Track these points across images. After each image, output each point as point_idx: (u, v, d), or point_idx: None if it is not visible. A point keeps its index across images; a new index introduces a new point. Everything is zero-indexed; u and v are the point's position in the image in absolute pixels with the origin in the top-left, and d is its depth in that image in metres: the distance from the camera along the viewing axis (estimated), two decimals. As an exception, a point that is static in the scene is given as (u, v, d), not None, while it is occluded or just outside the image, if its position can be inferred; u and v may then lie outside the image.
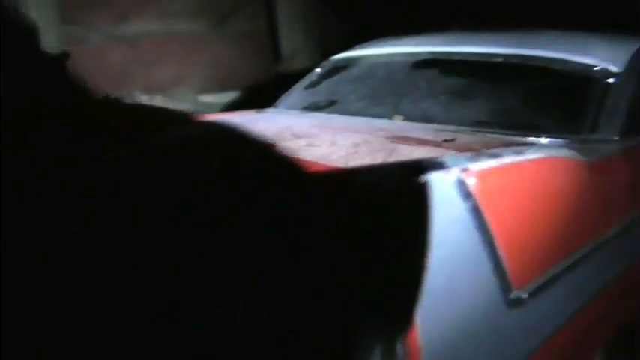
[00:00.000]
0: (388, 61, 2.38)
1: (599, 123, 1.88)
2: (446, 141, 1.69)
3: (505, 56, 2.15)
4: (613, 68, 2.04)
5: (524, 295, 1.20)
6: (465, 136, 1.78)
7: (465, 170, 1.08)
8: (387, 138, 1.68)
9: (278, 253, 1.08)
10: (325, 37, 5.36)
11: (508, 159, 1.20)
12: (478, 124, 1.92)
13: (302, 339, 0.99)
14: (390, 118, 2.08)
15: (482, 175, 1.11)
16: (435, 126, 1.93)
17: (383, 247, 1.01)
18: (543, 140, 1.78)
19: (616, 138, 1.87)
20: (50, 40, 4.35)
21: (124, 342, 0.82)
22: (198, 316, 0.89)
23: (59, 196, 0.88)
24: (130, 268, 0.87)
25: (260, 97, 2.81)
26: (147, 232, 0.97)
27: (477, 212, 1.07)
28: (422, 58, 2.30)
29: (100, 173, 1.07)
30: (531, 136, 1.81)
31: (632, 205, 1.75)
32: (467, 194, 1.06)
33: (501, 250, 1.12)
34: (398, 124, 1.98)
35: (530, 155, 1.27)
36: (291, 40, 5.63)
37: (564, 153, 1.44)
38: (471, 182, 1.08)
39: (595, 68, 2.04)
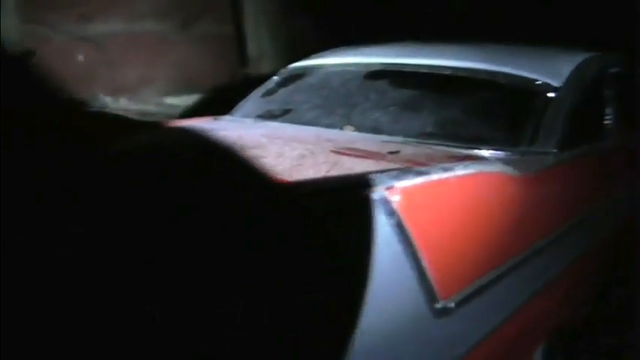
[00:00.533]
0: (342, 71, 2.43)
1: (538, 136, 1.96)
2: (391, 153, 1.74)
3: (453, 69, 2.22)
4: (554, 83, 2.13)
5: (451, 305, 1.26)
6: (409, 148, 1.84)
7: (389, 188, 1.13)
8: (332, 150, 1.73)
9: (213, 260, 1.13)
10: (293, 41, 5.39)
11: (435, 175, 1.25)
12: (425, 136, 1.98)
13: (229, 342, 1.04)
14: (341, 128, 2.12)
15: (406, 192, 1.16)
16: (383, 137, 1.98)
17: (309, 261, 1.05)
18: (484, 152, 1.85)
19: (554, 150, 1.95)
20: (14, 40, 4.30)
21: (87, 333, 0.88)
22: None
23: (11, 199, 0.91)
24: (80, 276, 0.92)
25: (226, 100, 2.83)
26: (92, 238, 1.01)
27: (400, 228, 1.12)
28: (374, 68, 2.36)
29: (58, 178, 1.11)
30: (474, 148, 1.87)
31: (567, 216, 1.83)
32: (390, 211, 1.12)
33: (426, 263, 1.18)
34: (347, 135, 2.03)
35: (458, 171, 1.32)
36: (258, 43, 5.65)
37: (495, 167, 1.51)
38: (395, 199, 1.13)
39: (537, 82, 2.12)
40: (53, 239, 1.03)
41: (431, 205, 1.23)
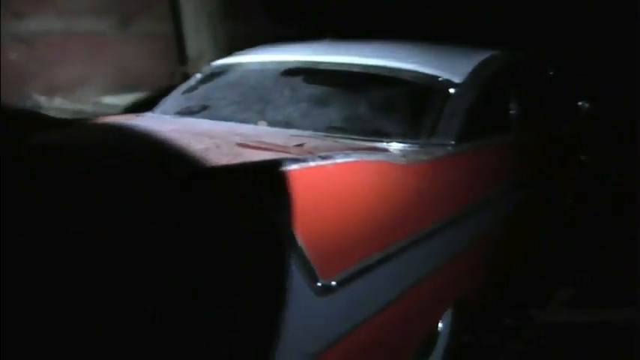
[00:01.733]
0: (260, 69, 2.51)
1: (437, 129, 2.10)
2: (296, 145, 1.83)
3: (362, 66, 2.34)
4: (455, 79, 2.27)
5: (333, 284, 1.36)
6: (315, 141, 1.94)
7: (266, 174, 1.22)
8: (238, 143, 1.81)
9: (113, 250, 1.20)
10: (233, 40, 5.43)
11: (313, 163, 1.35)
12: (333, 130, 2.09)
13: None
14: (255, 123, 2.20)
15: (283, 178, 1.25)
16: (293, 131, 2.08)
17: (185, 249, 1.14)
18: (386, 144, 1.97)
19: (452, 142, 2.09)
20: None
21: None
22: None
23: None
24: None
25: (164, 98, 2.86)
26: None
27: (278, 212, 1.21)
28: (289, 66, 2.45)
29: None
30: (377, 141, 1.99)
31: (460, 202, 1.97)
32: (268, 196, 1.20)
33: (305, 244, 1.27)
34: (259, 130, 2.11)
35: (338, 159, 1.43)
36: (198, 42, 5.66)
37: (377, 157, 1.62)
38: (272, 185, 1.22)
39: (438, 79, 2.26)
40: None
41: (310, 190, 1.32)
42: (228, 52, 4.78)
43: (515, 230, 2.50)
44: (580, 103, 3.37)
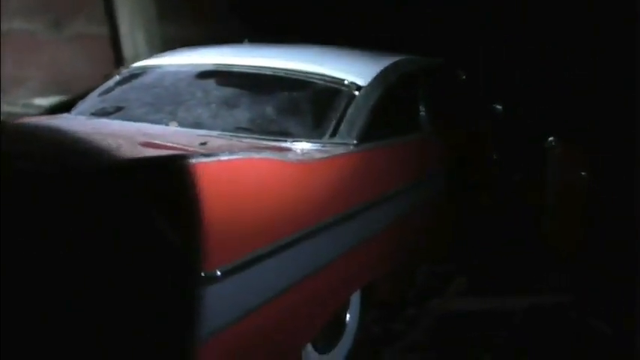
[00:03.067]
0: (175, 71, 2.57)
1: (340, 129, 2.21)
2: (200, 144, 1.91)
3: (273, 69, 2.43)
4: (360, 82, 2.39)
5: (218, 274, 1.44)
6: (220, 141, 2.02)
7: (152, 170, 1.29)
8: (141, 143, 1.87)
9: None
10: (168, 41, 5.44)
11: (194, 160, 1.43)
12: (240, 130, 2.18)
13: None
14: (166, 124, 2.27)
15: (170, 173, 1.33)
16: (202, 131, 2.15)
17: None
18: (289, 144, 2.07)
19: (354, 142, 2.20)
20: None
21: None
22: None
23: None
24: None
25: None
26: None
27: (161, 207, 1.29)
28: (204, 68, 2.53)
29: None
30: (281, 141, 2.09)
31: (356, 197, 2.08)
32: (154, 189, 1.28)
33: (189, 236, 1.35)
34: (168, 130, 2.18)
35: (222, 157, 1.51)
36: (134, 44, 5.63)
37: (265, 155, 1.71)
38: (153, 180, 1.29)
39: (344, 82, 2.38)
40: None
41: (196, 185, 1.40)
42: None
43: (421, 223, 2.64)
44: (493, 107, 3.57)
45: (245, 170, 1.57)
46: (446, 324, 2.57)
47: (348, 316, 2.34)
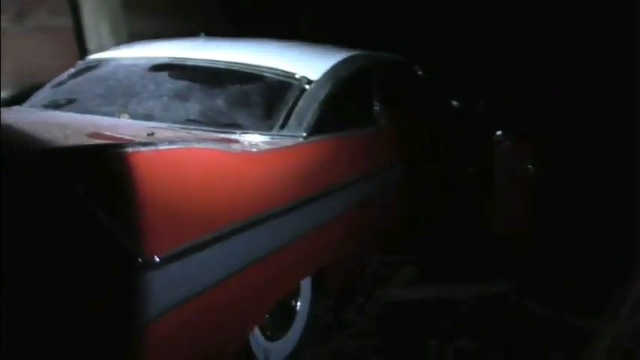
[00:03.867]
0: (130, 64, 2.59)
1: (289, 122, 2.26)
2: (148, 135, 1.93)
3: (226, 63, 2.47)
4: (310, 76, 2.44)
5: (157, 260, 1.47)
6: (168, 132, 2.05)
7: (88, 157, 1.32)
8: (88, 134, 1.89)
9: None
10: (133, 34, 5.41)
11: (132, 149, 1.46)
12: (191, 122, 2.21)
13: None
14: (118, 116, 2.28)
15: (109, 160, 1.37)
16: (152, 123, 2.17)
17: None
18: (237, 136, 2.10)
19: (303, 134, 2.25)
20: None
21: None
22: None
23: None
24: None
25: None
26: None
27: (96, 192, 1.33)
28: (158, 62, 2.55)
29: None
30: (230, 132, 2.13)
31: (303, 187, 2.13)
32: (86, 178, 1.31)
33: (128, 222, 1.38)
34: (118, 122, 2.20)
35: (161, 146, 1.54)
36: (98, 36, 5.58)
37: (207, 145, 1.75)
38: (85, 166, 1.32)
39: (295, 75, 2.42)
40: None
41: (130, 173, 1.43)
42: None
43: (373, 214, 2.71)
44: (451, 102, 3.66)
45: (186, 160, 1.61)
46: (394, 312, 2.65)
47: (298, 304, 2.40)
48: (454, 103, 3.64)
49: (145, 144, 1.52)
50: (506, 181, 3.05)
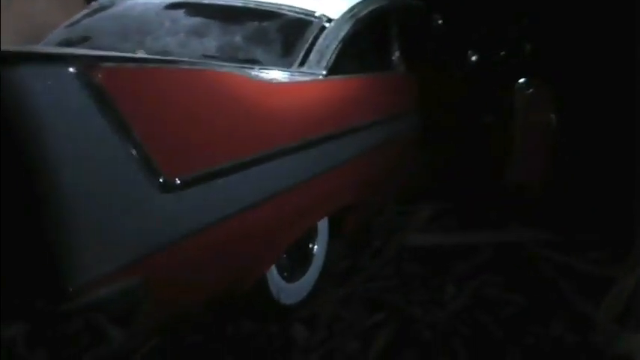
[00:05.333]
0: (144, 2, 2.53)
1: (309, 60, 2.21)
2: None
3: (244, 1, 2.41)
4: (331, 15, 2.38)
5: (178, 182, 1.44)
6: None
7: (91, 66, 1.25)
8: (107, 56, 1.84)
9: None
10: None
11: (152, 65, 1.41)
12: (208, 57, 2.16)
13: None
14: (134, 52, 2.24)
15: (114, 73, 1.30)
16: (169, 58, 2.12)
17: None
18: (256, 71, 2.05)
19: (323, 72, 2.21)
20: None
21: None
22: None
23: None
24: None
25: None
26: None
27: (106, 105, 1.26)
28: (173, 0, 2.49)
29: None
30: (247, 68, 2.07)
31: (323, 124, 2.09)
32: (93, 89, 1.24)
33: (146, 140, 1.33)
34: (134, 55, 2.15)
35: (182, 65, 1.49)
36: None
37: (227, 69, 1.70)
38: (98, 76, 1.24)
39: (315, 14, 2.36)
40: None
41: (151, 89, 1.39)
42: None
43: (389, 159, 2.67)
44: (470, 52, 3.57)
45: (208, 81, 1.57)
46: (409, 256, 2.63)
47: (315, 247, 2.38)
48: (473, 53, 3.56)
49: (164, 61, 1.48)
50: (528, 128, 2.99)
